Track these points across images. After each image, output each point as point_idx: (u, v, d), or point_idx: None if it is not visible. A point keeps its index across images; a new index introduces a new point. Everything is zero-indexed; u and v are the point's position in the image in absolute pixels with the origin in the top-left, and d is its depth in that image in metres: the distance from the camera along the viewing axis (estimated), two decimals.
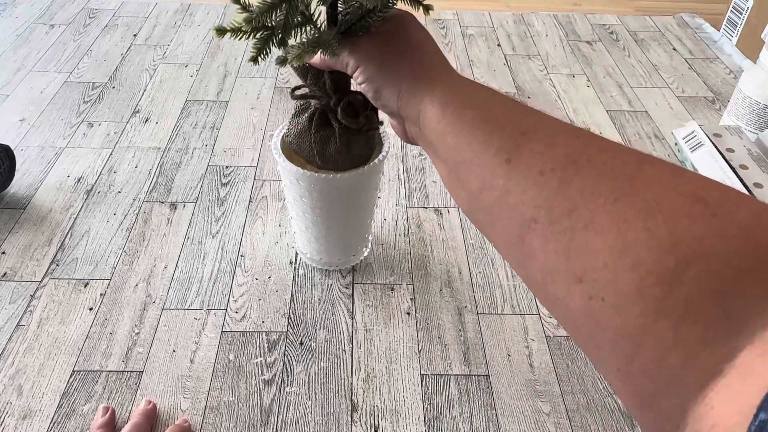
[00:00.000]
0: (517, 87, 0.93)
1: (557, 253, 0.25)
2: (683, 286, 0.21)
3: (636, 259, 0.23)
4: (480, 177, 0.30)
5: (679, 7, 1.23)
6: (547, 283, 0.26)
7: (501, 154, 0.29)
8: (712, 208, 0.23)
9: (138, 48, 0.99)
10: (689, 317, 0.21)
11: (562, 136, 0.29)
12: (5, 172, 0.69)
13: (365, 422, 0.50)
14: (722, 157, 0.72)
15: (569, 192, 0.26)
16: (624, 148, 0.28)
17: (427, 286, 0.61)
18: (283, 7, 0.40)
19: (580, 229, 0.25)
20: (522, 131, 0.29)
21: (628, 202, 0.24)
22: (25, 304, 0.58)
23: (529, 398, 0.52)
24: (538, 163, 0.28)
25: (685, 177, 0.24)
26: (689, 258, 0.21)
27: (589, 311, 0.24)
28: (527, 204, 0.27)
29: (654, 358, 0.22)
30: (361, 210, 0.57)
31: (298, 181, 0.52)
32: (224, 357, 0.54)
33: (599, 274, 0.24)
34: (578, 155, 0.27)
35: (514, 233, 0.28)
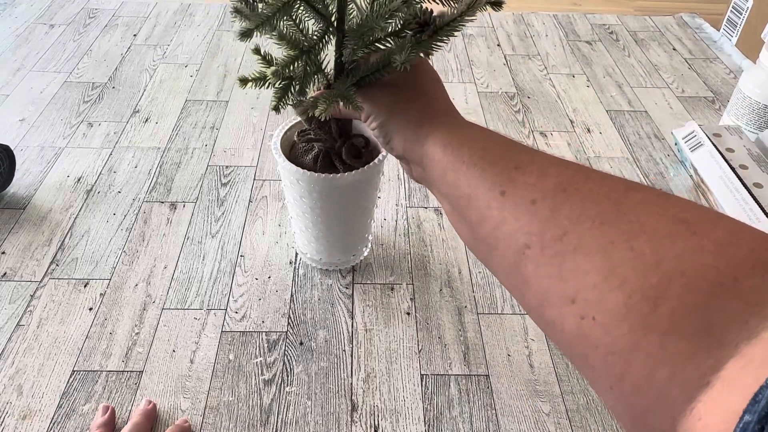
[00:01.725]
0: (517, 87, 0.93)
1: (550, 277, 0.27)
2: (667, 302, 0.22)
3: (622, 278, 0.24)
4: (477, 209, 0.32)
5: (679, 7, 1.23)
6: (542, 307, 0.28)
7: (496, 187, 0.31)
8: (692, 227, 0.24)
9: (138, 48, 0.99)
10: (674, 332, 0.22)
11: (553, 168, 0.30)
12: (5, 172, 0.69)
13: (365, 422, 0.50)
14: (722, 157, 0.72)
15: (559, 218, 0.27)
16: (611, 177, 0.29)
17: (427, 286, 0.61)
18: (303, 58, 0.43)
19: (570, 252, 0.26)
20: (515, 165, 0.31)
21: (614, 224, 0.25)
22: (25, 304, 0.58)
23: (529, 398, 0.52)
24: (530, 193, 0.29)
25: (669, 201, 0.26)
26: (671, 274, 0.23)
27: (581, 331, 0.25)
28: (521, 231, 0.29)
29: (643, 373, 0.22)
30: (361, 210, 0.57)
31: (298, 181, 0.52)
32: (224, 357, 0.54)
33: (589, 294, 0.25)
34: (567, 184, 0.29)
35: (510, 261, 0.30)
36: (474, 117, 0.86)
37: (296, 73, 0.44)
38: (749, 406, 0.18)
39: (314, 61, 0.44)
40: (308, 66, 0.44)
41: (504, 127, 0.84)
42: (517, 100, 0.90)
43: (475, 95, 0.91)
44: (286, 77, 0.44)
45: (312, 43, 0.44)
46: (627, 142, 0.83)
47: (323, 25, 0.44)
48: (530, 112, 0.88)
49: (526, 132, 0.84)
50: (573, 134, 0.84)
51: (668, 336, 0.22)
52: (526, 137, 0.83)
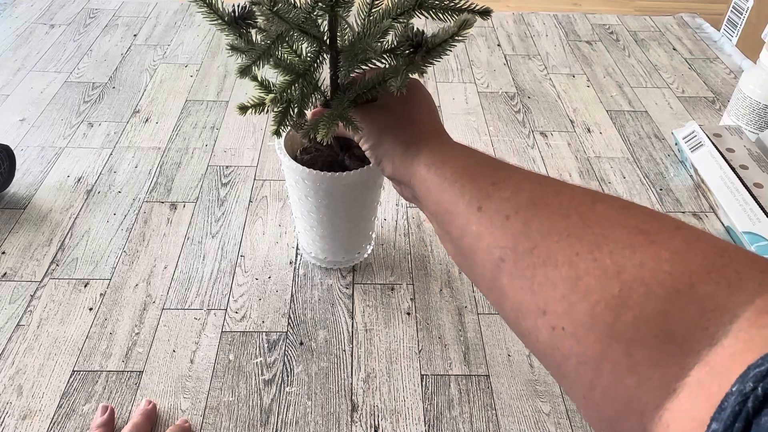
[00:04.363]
0: (517, 87, 0.93)
1: (522, 289, 0.28)
2: (629, 311, 0.23)
3: (587, 288, 0.25)
4: (458, 225, 0.34)
5: (679, 7, 1.23)
6: (519, 319, 0.29)
7: (473, 203, 0.33)
8: (651, 237, 0.25)
9: (138, 48, 0.99)
10: (638, 340, 0.22)
11: (528, 183, 0.32)
12: (5, 172, 0.69)
13: (365, 422, 0.50)
14: (722, 157, 0.72)
15: (530, 232, 0.29)
16: (581, 190, 0.30)
17: (427, 286, 0.61)
18: (299, 81, 0.44)
19: (540, 265, 0.27)
20: (493, 182, 0.33)
21: (580, 237, 0.27)
22: (25, 304, 0.58)
23: (529, 398, 0.52)
24: (504, 208, 0.31)
25: (631, 212, 0.27)
26: (631, 283, 0.23)
27: (553, 341, 0.26)
28: (496, 245, 0.30)
29: (612, 381, 0.23)
30: (365, 208, 0.57)
31: (303, 180, 0.52)
32: (224, 357, 0.54)
33: (558, 306, 0.26)
34: (539, 198, 0.30)
35: (488, 274, 0.31)
36: (474, 117, 0.86)
37: (294, 97, 0.44)
38: (716, 414, 0.18)
39: (310, 82, 0.45)
40: (305, 88, 0.44)
41: (504, 126, 0.84)
42: (518, 100, 0.90)
43: (475, 95, 0.91)
44: (285, 101, 0.44)
45: (307, 65, 0.44)
46: (627, 142, 0.83)
47: (316, 45, 0.44)
48: (530, 112, 0.88)
49: (526, 132, 0.84)
50: (573, 134, 0.84)
51: (633, 344, 0.22)
52: (526, 137, 0.83)
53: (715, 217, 0.71)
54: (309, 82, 0.44)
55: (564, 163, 0.78)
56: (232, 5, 0.42)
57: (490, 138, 0.82)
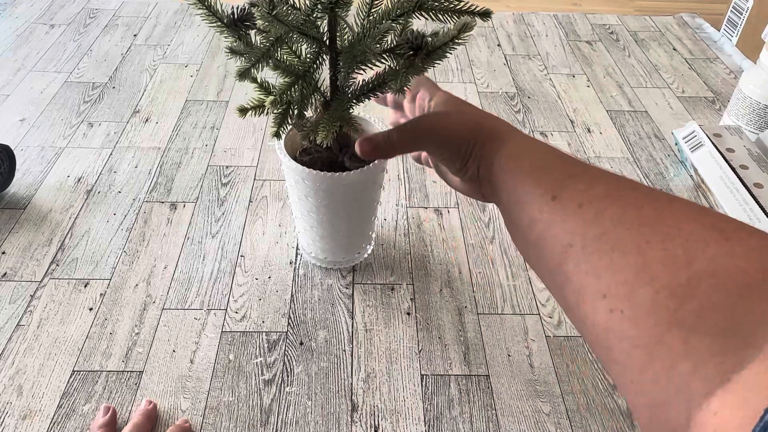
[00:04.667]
0: (517, 87, 0.93)
1: (587, 274, 0.28)
2: (694, 300, 0.23)
3: (652, 274, 0.25)
4: (529, 214, 0.34)
5: (679, 7, 1.23)
6: (579, 303, 0.29)
7: (548, 193, 0.33)
8: (726, 234, 0.25)
9: (138, 48, 0.99)
10: (700, 328, 0.22)
11: (604, 178, 0.32)
12: (5, 172, 0.69)
13: (365, 422, 0.50)
14: (722, 157, 0.72)
15: (602, 220, 0.29)
16: (657, 190, 0.31)
17: (427, 286, 0.61)
18: (299, 83, 0.44)
19: (608, 250, 0.27)
20: (570, 174, 0.34)
21: (652, 227, 0.27)
22: (25, 304, 0.58)
23: (529, 398, 0.52)
24: (578, 198, 0.31)
25: (709, 212, 0.27)
26: (701, 274, 0.23)
27: (609, 324, 0.26)
28: (566, 231, 0.31)
29: (665, 366, 0.23)
30: (365, 208, 0.57)
31: (303, 180, 0.52)
32: (224, 357, 0.54)
33: (620, 289, 0.26)
34: (614, 191, 0.31)
35: (555, 260, 0.31)
36: None
37: (294, 98, 0.44)
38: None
39: (309, 83, 0.44)
40: (304, 89, 0.44)
41: None
42: (518, 100, 0.90)
43: (476, 95, 0.91)
44: (284, 103, 0.44)
45: (306, 66, 0.44)
46: (627, 142, 0.83)
47: (315, 46, 0.44)
48: (530, 112, 0.88)
49: (526, 132, 0.84)
50: (573, 134, 0.84)
51: (693, 332, 0.22)
52: None
53: None
54: (308, 83, 0.44)
55: None
56: (231, 7, 0.42)
57: None
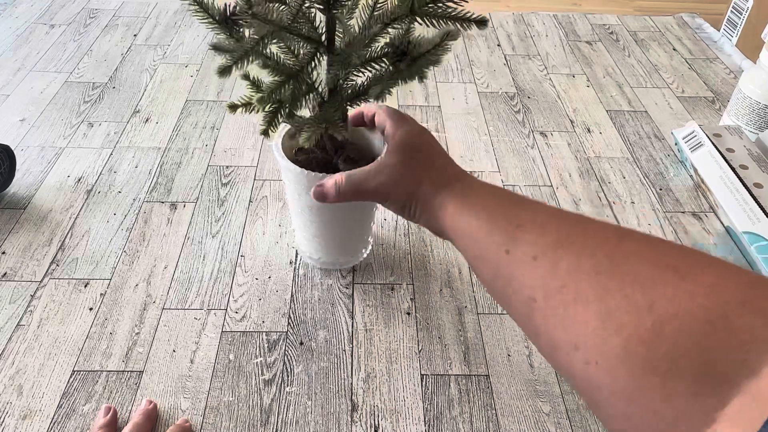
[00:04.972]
0: (517, 87, 0.93)
1: (555, 327, 0.29)
2: (663, 344, 0.23)
3: (619, 323, 0.25)
4: (489, 269, 0.35)
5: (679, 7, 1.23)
6: (554, 354, 0.30)
7: (501, 247, 0.34)
8: (680, 273, 0.25)
9: (138, 48, 0.99)
10: (675, 372, 0.23)
11: (552, 224, 0.33)
12: (5, 172, 0.69)
13: (365, 422, 0.50)
14: (722, 157, 0.72)
15: (558, 271, 0.30)
16: (606, 226, 0.31)
17: (427, 286, 0.61)
18: (290, 83, 0.43)
19: (571, 302, 0.28)
20: (517, 224, 0.34)
21: (609, 274, 0.27)
22: (25, 304, 0.58)
23: (529, 398, 0.52)
24: (531, 250, 0.32)
25: (660, 249, 0.28)
26: (664, 318, 0.24)
27: (587, 375, 0.27)
28: (526, 286, 0.31)
29: (648, 413, 0.24)
30: (360, 211, 0.57)
31: (297, 179, 0.52)
32: (224, 357, 0.54)
33: (590, 340, 0.26)
34: (565, 239, 0.31)
35: (523, 313, 0.32)
36: (474, 117, 0.86)
37: (284, 98, 0.44)
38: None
39: (304, 81, 0.44)
40: (296, 89, 0.43)
41: (504, 126, 0.84)
42: (517, 100, 0.90)
43: (475, 95, 0.91)
44: (275, 101, 0.44)
45: (300, 66, 0.43)
46: (627, 142, 0.83)
47: (311, 46, 0.44)
48: (530, 112, 0.88)
49: (526, 132, 0.84)
50: (573, 134, 0.84)
51: (668, 376, 0.23)
52: (526, 137, 0.83)
53: (714, 217, 0.71)
54: (301, 83, 0.43)
55: (564, 163, 0.78)
56: (224, 3, 0.42)
57: (490, 138, 0.82)
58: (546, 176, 0.76)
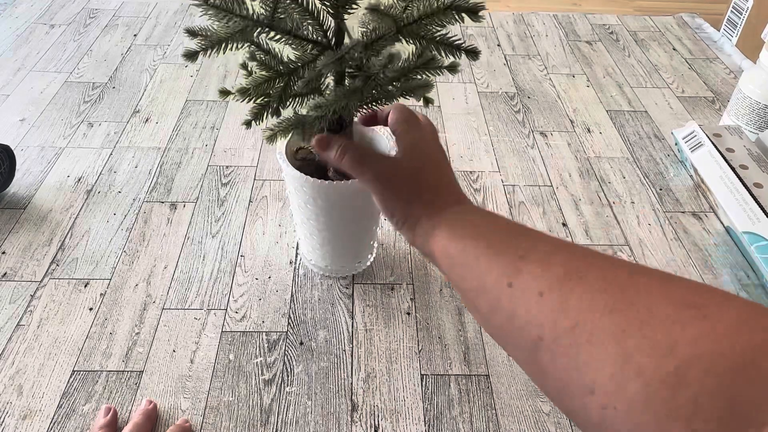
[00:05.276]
0: (517, 87, 0.93)
1: (567, 369, 0.27)
2: (688, 388, 0.22)
3: (638, 366, 0.24)
4: (487, 302, 0.33)
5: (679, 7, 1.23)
6: (563, 398, 0.28)
7: (503, 279, 0.31)
8: (702, 311, 0.24)
9: (138, 48, 0.99)
10: (700, 416, 0.22)
11: (557, 255, 0.31)
12: (5, 172, 0.69)
13: (365, 422, 0.50)
14: (722, 157, 0.72)
15: (568, 309, 0.28)
16: (614, 261, 0.30)
17: (427, 286, 0.61)
18: (280, 80, 0.41)
19: (585, 343, 0.26)
20: (520, 255, 0.32)
21: (623, 312, 0.26)
22: (25, 304, 0.58)
23: (529, 398, 0.52)
24: (536, 284, 0.30)
25: (674, 284, 0.26)
26: (688, 360, 0.23)
27: (604, 421, 0.25)
28: (532, 324, 0.29)
29: None
30: (366, 217, 0.57)
31: (302, 187, 0.51)
32: (224, 357, 0.54)
33: (607, 385, 0.25)
34: (573, 273, 0.29)
35: (526, 351, 0.30)
36: (474, 117, 0.86)
37: (273, 94, 0.42)
38: None
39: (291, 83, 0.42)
40: (288, 87, 0.42)
41: (504, 126, 0.84)
42: (517, 100, 0.90)
43: (475, 95, 0.91)
44: (263, 95, 0.42)
45: (294, 67, 0.41)
46: (627, 142, 0.83)
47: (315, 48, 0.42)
48: (530, 112, 0.88)
49: (526, 132, 0.84)
50: (573, 134, 0.84)
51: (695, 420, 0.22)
52: (526, 137, 0.83)
53: (714, 217, 0.71)
54: (290, 82, 0.42)
55: (564, 163, 0.78)
56: None
57: (490, 138, 0.82)
58: (546, 176, 0.76)
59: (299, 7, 0.40)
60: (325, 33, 0.42)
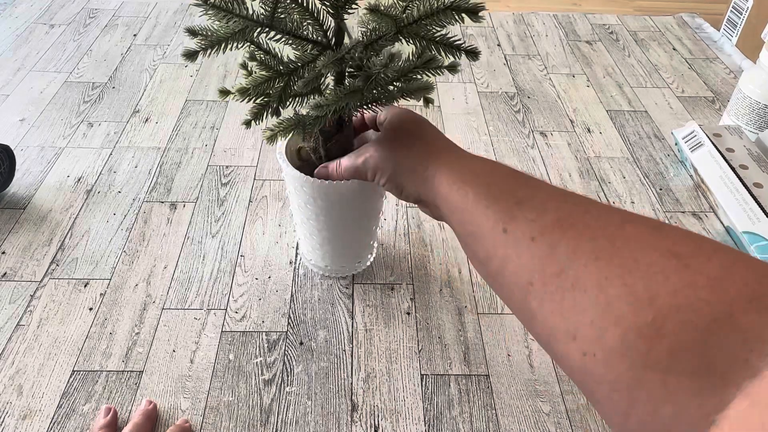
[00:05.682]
0: (517, 87, 0.93)
1: (553, 313, 0.27)
2: (664, 339, 0.22)
3: (618, 314, 0.24)
4: (484, 248, 0.33)
5: (679, 7, 1.23)
6: (551, 342, 0.28)
7: (498, 225, 0.32)
8: (684, 260, 0.24)
9: (138, 48, 0.99)
10: (675, 369, 0.22)
11: (553, 202, 0.31)
12: (5, 172, 0.69)
13: (365, 422, 0.50)
14: (722, 157, 0.72)
15: (557, 255, 0.28)
16: (609, 209, 0.29)
17: (427, 286, 0.61)
18: (280, 80, 0.42)
19: (569, 288, 0.27)
20: (516, 201, 0.32)
21: (608, 260, 0.26)
22: (25, 304, 0.58)
23: (529, 398, 0.52)
24: (529, 230, 0.30)
25: (663, 233, 0.26)
26: (665, 312, 0.23)
27: (585, 367, 0.25)
28: (523, 268, 0.29)
29: (648, 410, 0.23)
30: (366, 217, 0.57)
31: (302, 187, 0.51)
32: (224, 357, 0.54)
33: (588, 331, 0.25)
34: (564, 219, 0.29)
35: (518, 297, 0.30)
36: (474, 117, 0.86)
37: (273, 94, 0.42)
38: None
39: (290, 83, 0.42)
40: (288, 87, 0.42)
41: (504, 126, 0.84)
42: (517, 100, 0.90)
43: (475, 95, 0.91)
44: (263, 95, 0.42)
45: (294, 67, 0.42)
46: (627, 142, 0.83)
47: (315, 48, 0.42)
48: (530, 112, 0.88)
49: (526, 132, 0.84)
50: (573, 134, 0.84)
51: (669, 373, 0.22)
52: (526, 137, 0.83)
53: (714, 217, 0.71)
54: (290, 82, 0.42)
55: (564, 163, 0.78)
56: None
57: (490, 138, 0.82)
58: (546, 176, 0.76)
59: (299, 7, 0.40)
60: (325, 33, 0.42)
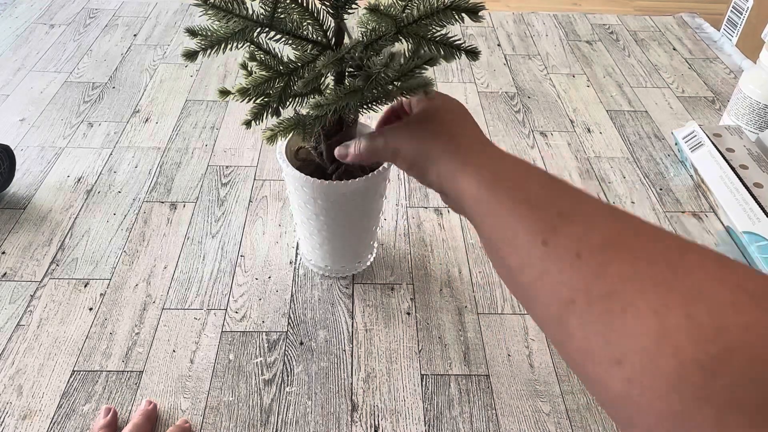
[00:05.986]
0: (517, 87, 0.93)
1: (596, 335, 0.26)
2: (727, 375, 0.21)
3: (676, 345, 0.23)
4: (518, 256, 0.31)
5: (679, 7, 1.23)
6: (586, 364, 0.27)
7: (538, 235, 0.30)
8: (756, 299, 0.23)
9: (138, 48, 0.99)
10: (734, 404, 0.21)
11: (600, 218, 0.29)
12: (5, 172, 0.69)
13: (365, 422, 0.50)
14: (722, 157, 0.72)
15: (607, 275, 0.26)
16: (662, 232, 0.28)
17: (427, 286, 0.61)
18: (280, 80, 0.41)
19: (618, 312, 0.25)
20: (559, 212, 0.30)
21: (669, 287, 0.24)
22: (25, 304, 0.58)
23: (529, 398, 0.52)
24: (575, 245, 0.28)
25: (730, 267, 0.25)
26: (734, 346, 0.22)
27: (628, 394, 0.24)
28: (565, 285, 0.28)
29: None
30: (366, 217, 0.57)
31: (302, 187, 0.51)
32: (224, 357, 0.54)
33: (638, 358, 0.24)
34: (616, 238, 0.27)
35: (553, 313, 0.28)
36: (474, 117, 0.86)
37: (273, 94, 0.42)
38: None
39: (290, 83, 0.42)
40: (288, 87, 0.42)
41: (504, 126, 0.84)
42: (518, 100, 0.90)
43: (476, 95, 0.91)
44: (262, 95, 0.42)
45: (294, 67, 0.42)
46: (627, 142, 0.83)
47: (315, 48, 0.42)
48: (530, 112, 0.88)
49: (526, 132, 0.84)
50: (573, 134, 0.84)
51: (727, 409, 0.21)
52: (526, 137, 0.83)
53: (714, 217, 0.71)
54: (290, 82, 0.42)
55: (564, 163, 0.78)
56: None
57: (490, 138, 0.82)
58: None
59: (299, 7, 0.40)
60: (325, 33, 0.42)
